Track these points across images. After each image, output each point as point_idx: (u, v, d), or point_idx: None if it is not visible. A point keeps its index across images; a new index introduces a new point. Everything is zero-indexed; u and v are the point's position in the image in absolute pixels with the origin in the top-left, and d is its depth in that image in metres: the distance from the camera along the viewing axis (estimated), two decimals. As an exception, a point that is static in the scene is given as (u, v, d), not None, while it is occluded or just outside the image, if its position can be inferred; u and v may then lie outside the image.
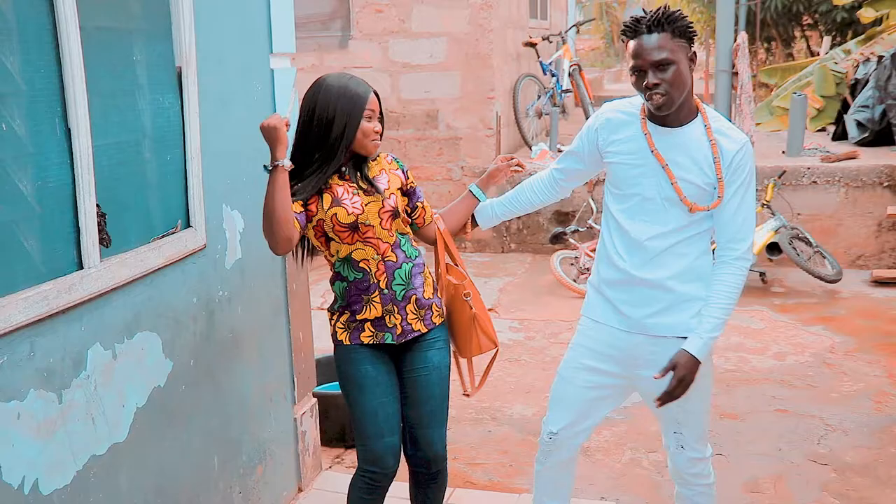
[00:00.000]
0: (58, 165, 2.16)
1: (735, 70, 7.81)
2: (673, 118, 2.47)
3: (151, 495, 2.57)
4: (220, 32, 2.92)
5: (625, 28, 2.45)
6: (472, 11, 7.99)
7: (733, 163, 2.44)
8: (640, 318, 2.57)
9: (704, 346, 2.48)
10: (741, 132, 2.50)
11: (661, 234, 2.50)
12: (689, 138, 2.47)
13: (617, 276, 2.59)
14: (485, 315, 2.82)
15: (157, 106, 2.59)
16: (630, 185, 2.53)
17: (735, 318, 6.16)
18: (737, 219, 2.48)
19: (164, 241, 2.59)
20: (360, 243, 2.60)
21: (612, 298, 2.61)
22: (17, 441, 2.02)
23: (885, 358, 5.29)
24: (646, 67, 2.38)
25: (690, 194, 2.46)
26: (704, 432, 2.73)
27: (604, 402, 2.72)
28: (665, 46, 2.36)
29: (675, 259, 2.51)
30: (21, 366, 2.03)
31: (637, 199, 2.52)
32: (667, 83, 2.37)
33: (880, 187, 7.28)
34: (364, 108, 2.56)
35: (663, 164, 2.46)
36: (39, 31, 2.09)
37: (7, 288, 1.99)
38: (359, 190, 2.59)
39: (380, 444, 2.67)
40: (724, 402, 4.63)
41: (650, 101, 2.41)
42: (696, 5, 15.90)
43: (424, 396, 2.73)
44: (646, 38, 2.38)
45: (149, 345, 2.55)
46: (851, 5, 11.54)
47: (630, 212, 2.54)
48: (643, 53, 2.38)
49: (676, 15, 2.40)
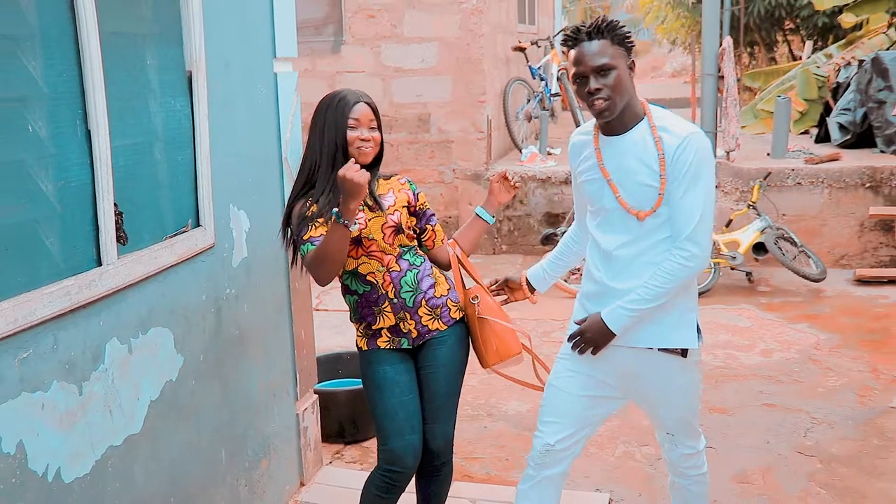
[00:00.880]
0: (78, 166, 2.24)
1: (721, 74, 7.94)
2: (618, 124, 2.50)
3: (164, 486, 2.64)
4: (227, 38, 3.01)
5: (566, 37, 2.49)
6: (462, 17, 8.10)
7: (675, 156, 2.43)
8: None
9: (614, 312, 2.50)
10: (687, 126, 2.49)
11: (627, 242, 2.52)
12: (636, 141, 2.49)
13: (595, 288, 2.62)
14: (500, 318, 2.81)
15: (169, 108, 2.67)
16: (596, 201, 2.59)
17: (722, 316, 6.31)
18: (682, 209, 2.45)
19: (175, 239, 2.68)
20: (364, 257, 2.70)
21: (592, 311, 2.61)
22: (41, 430, 2.09)
23: (869, 354, 5.42)
24: (587, 73, 2.42)
25: (640, 199, 2.47)
26: (696, 430, 2.77)
27: (599, 408, 2.70)
28: (605, 52, 2.42)
29: (647, 268, 2.51)
30: (45, 358, 2.11)
31: (604, 213, 2.57)
32: (608, 88, 2.41)
33: (862, 188, 7.43)
34: (347, 118, 2.67)
35: (608, 179, 2.51)
36: (62, 36, 2.17)
37: (31, 283, 2.07)
38: (364, 206, 2.69)
39: (400, 443, 2.73)
40: (713, 398, 4.75)
41: (592, 108, 2.45)
42: (681, 10, 16.07)
43: (430, 393, 2.81)
44: (587, 45, 2.43)
45: (162, 340, 2.63)
46: (832, 10, 11.72)
47: (601, 225, 2.58)
48: (584, 59, 2.43)
49: (615, 23, 2.46)
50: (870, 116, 8.45)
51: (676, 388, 2.64)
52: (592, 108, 2.45)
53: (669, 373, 2.61)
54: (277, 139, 3.44)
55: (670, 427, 2.73)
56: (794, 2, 13.62)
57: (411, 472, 2.78)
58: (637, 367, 2.60)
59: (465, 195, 8.42)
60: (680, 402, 2.66)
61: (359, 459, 4.08)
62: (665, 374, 2.61)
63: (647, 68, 28.32)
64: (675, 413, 2.69)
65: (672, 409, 2.68)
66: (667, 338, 2.55)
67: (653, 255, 2.50)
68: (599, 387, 2.66)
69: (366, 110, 2.71)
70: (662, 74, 27.16)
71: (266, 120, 3.37)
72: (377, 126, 2.74)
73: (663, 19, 17.49)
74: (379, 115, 2.78)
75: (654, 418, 2.77)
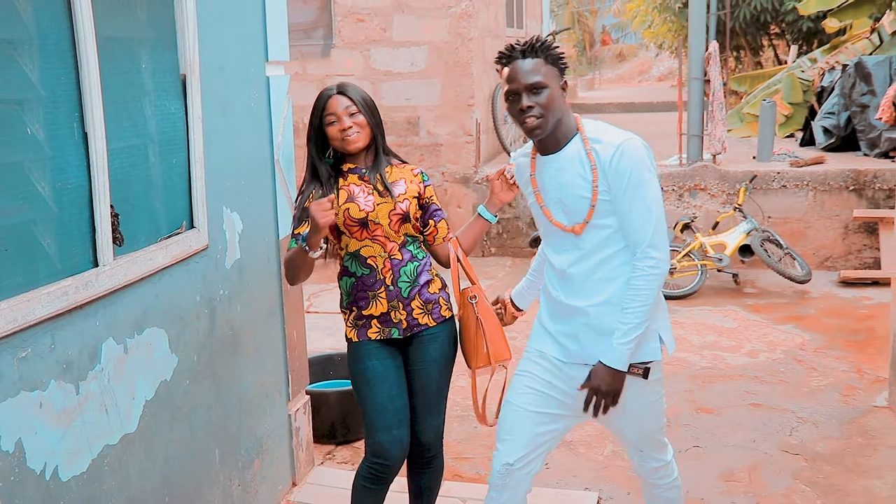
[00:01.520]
0: (75, 168, 2.27)
1: (707, 78, 8.03)
2: (552, 142, 2.49)
3: (158, 485, 2.67)
4: (220, 42, 3.05)
5: (500, 55, 2.49)
6: (451, 21, 8.16)
7: (611, 166, 2.41)
8: (581, 349, 2.54)
9: (615, 352, 2.44)
10: (620, 134, 2.46)
11: (578, 259, 2.49)
12: (571, 156, 2.47)
13: (554, 306, 2.59)
14: (493, 324, 2.81)
15: (164, 112, 2.71)
16: (541, 222, 2.60)
17: (709, 318, 6.38)
18: (632, 220, 2.43)
19: (170, 241, 2.71)
20: (368, 240, 2.75)
21: (552, 331, 2.60)
22: (39, 429, 2.12)
23: (853, 354, 5.49)
24: (520, 90, 2.42)
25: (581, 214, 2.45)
26: (662, 443, 2.74)
27: (556, 424, 2.63)
28: (539, 71, 2.41)
29: (603, 284, 2.48)
30: (43, 357, 2.14)
31: (551, 233, 2.56)
32: (540, 106, 2.40)
33: (846, 191, 7.52)
34: (323, 117, 2.75)
35: (540, 205, 2.53)
36: (59, 40, 2.21)
37: (30, 284, 2.10)
38: (374, 191, 2.75)
39: (388, 436, 2.78)
40: (700, 398, 4.81)
41: (524, 125, 2.44)
42: (667, 14, 16.19)
43: (421, 387, 2.86)
44: (520, 63, 2.43)
45: (156, 340, 2.66)
46: (817, 15, 11.85)
47: (552, 245, 2.58)
48: (518, 77, 2.42)
49: (549, 43, 2.46)
50: (853, 120, 8.56)
51: (639, 408, 2.59)
52: (524, 126, 2.44)
53: (631, 393, 2.53)
54: (270, 142, 3.48)
55: (637, 444, 2.72)
56: (780, 6, 13.75)
57: (398, 464, 2.83)
58: None
59: (455, 198, 8.47)
60: (643, 419, 2.63)
61: (350, 460, 4.11)
62: (627, 394, 2.52)
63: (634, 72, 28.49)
64: (640, 430, 2.67)
65: (637, 427, 2.65)
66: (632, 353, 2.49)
67: (606, 270, 2.48)
68: (558, 405, 2.60)
69: (338, 100, 2.74)
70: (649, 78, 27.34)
71: (258, 123, 3.40)
72: (359, 110, 2.75)
73: (650, 24, 17.62)
74: (360, 98, 2.77)
75: (621, 436, 2.75)
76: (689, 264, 7.01)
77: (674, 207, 7.82)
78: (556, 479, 3.92)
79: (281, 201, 3.55)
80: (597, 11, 30.85)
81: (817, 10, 10.78)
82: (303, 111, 2.84)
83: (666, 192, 7.83)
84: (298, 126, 8.41)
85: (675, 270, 6.98)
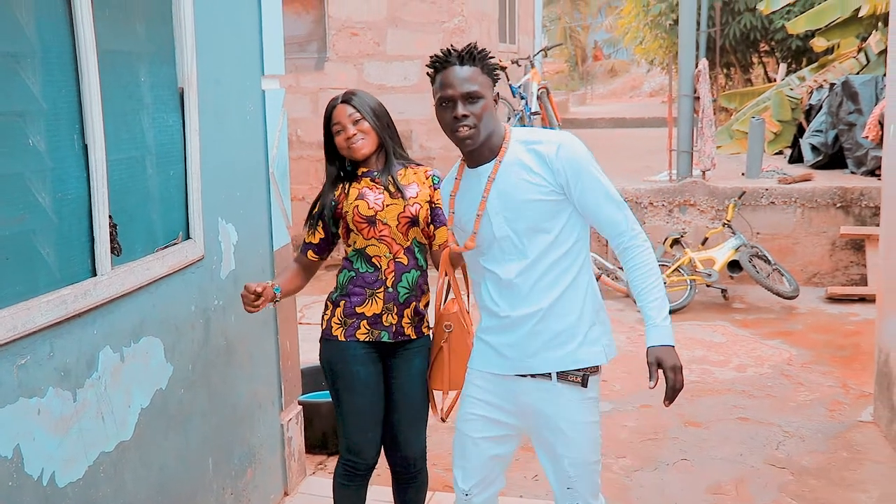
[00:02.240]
0: (75, 179, 2.31)
1: (697, 95, 8.12)
2: (485, 153, 2.42)
3: (153, 492, 2.70)
4: (218, 56, 3.09)
5: (435, 60, 2.39)
6: (444, 36, 8.23)
7: (558, 160, 2.36)
8: (524, 358, 2.45)
9: (667, 330, 2.38)
10: (555, 133, 2.43)
11: (526, 267, 2.41)
12: (510, 163, 2.40)
13: (496, 322, 2.49)
14: (460, 356, 2.77)
15: (162, 124, 2.75)
16: (484, 235, 2.48)
17: (698, 332, 6.43)
18: (604, 212, 2.41)
19: (167, 251, 2.75)
20: (374, 240, 2.80)
21: (494, 344, 2.50)
22: (37, 435, 2.16)
23: (839, 369, 5.56)
24: (456, 98, 2.33)
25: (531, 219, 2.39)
26: (597, 485, 2.57)
27: (504, 446, 2.59)
28: (476, 80, 2.34)
29: (545, 291, 2.41)
30: (42, 365, 2.17)
31: (495, 244, 2.44)
32: (475, 116, 2.33)
33: (833, 208, 7.60)
34: (329, 126, 2.85)
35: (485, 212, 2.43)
36: (61, 54, 2.25)
37: (30, 292, 2.14)
38: (385, 191, 2.80)
39: (363, 438, 2.86)
40: (688, 412, 4.86)
41: (456, 133, 2.35)
42: (658, 31, 16.32)
43: (406, 402, 2.89)
44: (458, 70, 2.34)
45: (152, 349, 2.69)
46: (805, 34, 11.98)
47: (495, 257, 2.45)
48: (455, 83, 2.33)
49: (486, 53, 2.40)
50: (841, 138, 8.66)
51: (575, 428, 2.47)
52: (456, 134, 2.35)
53: (567, 406, 2.46)
54: (265, 154, 3.52)
55: (570, 475, 2.51)
56: (769, 25, 13.89)
57: (372, 462, 2.91)
58: (537, 400, 2.48)
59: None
60: (580, 442, 2.48)
61: (341, 470, 4.14)
62: (564, 407, 2.46)
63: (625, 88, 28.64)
64: (577, 457, 2.49)
65: (574, 451, 2.48)
66: (574, 357, 2.44)
67: (551, 277, 2.41)
68: (503, 426, 2.55)
69: (342, 109, 2.81)
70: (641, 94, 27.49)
71: (254, 135, 3.45)
72: (363, 117, 2.80)
73: (641, 40, 17.75)
74: (363, 105, 2.82)
75: (554, 464, 2.54)
76: (678, 279, 7.08)
77: (663, 223, 7.89)
78: (546, 490, 3.95)
79: (275, 213, 3.60)
80: (589, 27, 31.04)
81: (806, 29, 10.91)
82: (296, 123, 2.90)
83: (655, 208, 7.90)
84: (292, 138, 8.46)
85: (664, 285, 7.02)
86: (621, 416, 4.82)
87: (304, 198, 7.78)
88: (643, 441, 4.50)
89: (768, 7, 11.21)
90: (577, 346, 2.43)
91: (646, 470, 4.18)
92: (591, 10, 30.35)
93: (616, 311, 6.97)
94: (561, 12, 29.23)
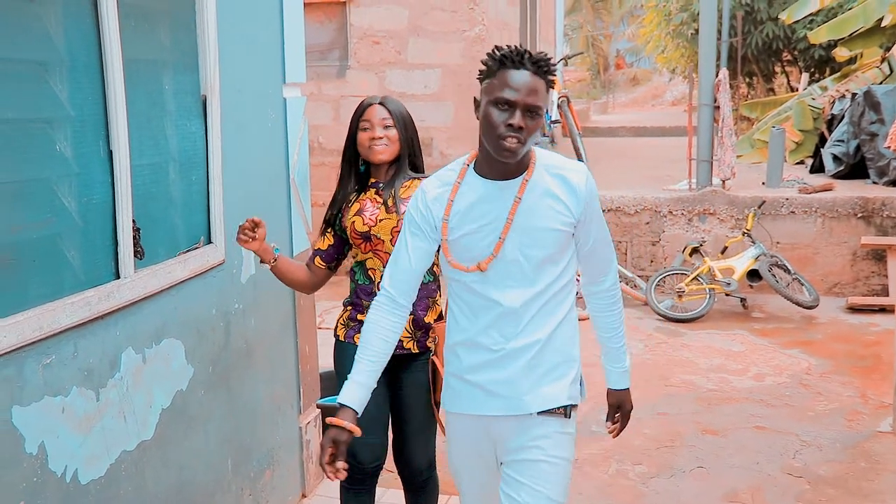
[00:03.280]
0: (100, 184, 2.38)
1: (717, 104, 8.12)
2: (512, 169, 2.21)
3: (173, 492, 2.75)
4: (240, 64, 3.16)
5: (504, 55, 2.12)
6: (465, 45, 8.28)
7: (587, 194, 2.24)
8: (519, 396, 2.26)
9: (624, 376, 2.49)
10: (576, 162, 2.29)
11: (533, 296, 2.23)
12: (537, 183, 2.22)
13: (487, 357, 2.27)
14: None
15: (185, 131, 2.82)
16: (481, 255, 2.25)
17: (716, 341, 6.43)
18: (602, 244, 2.34)
19: (188, 255, 2.81)
20: (371, 253, 2.83)
21: (482, 382, 2.29)
22: (61, 433, 2.21)
23: (858, 379, 5.53)
24: (518, 105, 2.09)
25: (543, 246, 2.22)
26: None
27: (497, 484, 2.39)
28: (542, 94, 2.13)
29: (543, 319, 2.25)
30: (66, 364, 2.23)
31: (501, 266, 2.23)
32: (528, 131, 2.12)
33: (854, 218, 7.57)
34: (359, 120, 2.85)
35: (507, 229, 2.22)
36: (88, 63, 2.32)
37: (55, 294, 2.20)
38: (382, 205, 2.82)
39: (360, 440, 2.74)
40: (706, 420, 4.86)
41: (503, 142, 2.11)
42: (680, 40, 16.29)
43: (410, 415, 2.90)
44: (528, 76, 2.11)
45: (174, 351, 2.75)
46: (829, 44, 11.93)
47: (494, 281, 2.23)
48: (522, 90, 2.10)
49: (554, 70, 2.20)
50: (862, 148, 8.62)
51: (549, 460, 2.28)
52: (502, 142, 2.11)
53: (547, 438, 2.28)
54: (286, 161, 3.58)
55: None
56: (792, 34, 13.83)
57: (368, 469, 2.87)
58: (512, 430, 2.30)
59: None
60: (549, 477, 2.27)
61: (358, 474, 4.18)
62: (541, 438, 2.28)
63: (647, 97, 28.57)
64: (540, 487, 2.26)
65: (538, 481, 2.26)
66: (568, 393, 2.31)
67: (551, 306, 2.26)
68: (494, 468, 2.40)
69: (377, 110, 2.82)
70: (663, 102, 27.40)
71: (275, 142, 3.51)
72: (394, 125, 2.82)
73: (663, 49, 17.71)
74: (399, 114, 2.85)
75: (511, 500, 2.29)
76: (697, 288, 7.07)
77: (683, 231, 7.89)
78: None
79: (296, 219, 3.65)
80: (611, 36, 31.02)
81: (828, 39, 10.87)
82: (317, 130, 2.93)
83: (675, 217, 7.90)
84: (314, 145, 8.53)
85: (683, 294, 7.04)
86: (638, 424, 4.82)
87: (324, 203, 7.82)
88: (659, 448, 4.51)
89: (791, 17, 11.18)
90: (570, 383, 2.31)
91: (662, 477, 4.18)
92: (614, 19, 30.33)
93: (635, 319, 6.98)
94: (583, 21, 29.24)
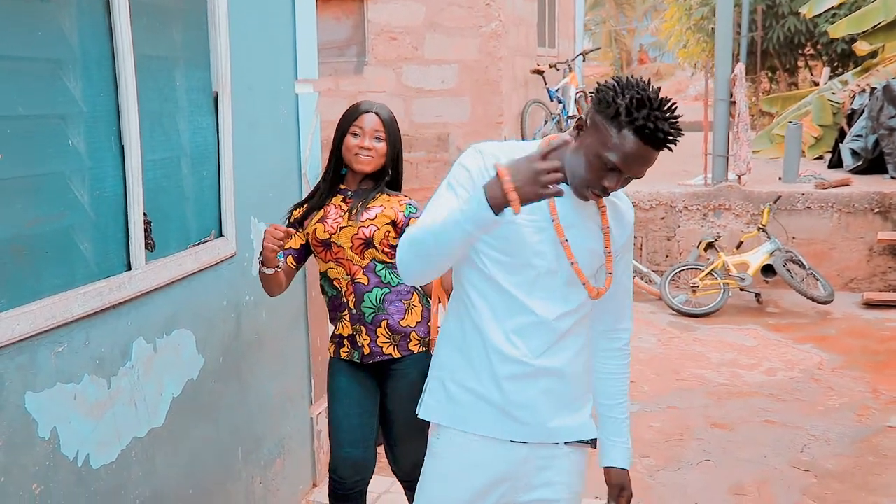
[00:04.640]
0: (112, 178, 2.44)
1: (733, 99, 8.11)
2: None
3: (183, 478, 2.83)
4: (251, 61, 3.22)
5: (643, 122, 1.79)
6: (482, 40, 8.33)
7: (628, 225, 2.10)
8: (543, 423, 2.03)
9: (627, 453, 2.19)
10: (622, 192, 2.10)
11: (568, 312, 2.02)
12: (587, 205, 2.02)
13: (505, 369, 2.00)
14: None
15: (196, 126, 2.88)
16: (530, 255, 1.99)
17: (729, 336, 6.44)
18: (625, 285, 2.15)
19: (199, 247, 2.88)
20: (332, 262, 2.79)
21: (498, 402, 2.02)
22: (73, 419, 2.29)
23: (871, 374, 5.53)
24: (629, 174, 1.88)
25: (590, 270, 2.04)
26: None
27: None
28: (652, 163, 1.89)
29: (573, 339, 2.06)
30: (78, 353, 2.31)
31: (549, 274, 1.99)
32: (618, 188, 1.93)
33: (871, 213, 7.54)
34: (350, 124, 2.77)
35: (562, 239, 1.97)
36: (100, 59, 2.39)
37: (68, 284, 2.27)
38: (346, 213, 2.77)
39: (339, 453, 2.83)
40: (715, 413, 4.88)
41: (588, 193, 1.92)
42: (701, 35, 16.24)
43: (391, 420, 2.89)
44: (654, 155, 1.85)
45: (184, 341, 2.82)
46: (851, 38, 11.85)
47: (530, 287, 1.99)
48: (643, 169, 1.88)
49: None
50: (881, 143, 8.58)
51: (571, 493, 2.14)
52: (586, 192, 1.92)
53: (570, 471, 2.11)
54: (297, 156, 3.65)
55: None
56: (814, 28, 13.74)
57: (350, 484, 2.82)
58: (542, 472, 2.09)
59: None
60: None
61: (369, 464, 4.24)
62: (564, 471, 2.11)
63: (670, 91, 28.45)
64: None
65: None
66: (591, 426, 2.14)
67: (579, 328, 2.08)
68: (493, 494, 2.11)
69: (372, 120, 2.75)
70: (686, 97, 27.28)
71: (287, 138, 3.57)
72: (385, 138, 2.75)
73: (685, 44, 17.67)
74: (392, 129, 2.80)
75: None
76: (711, 283, 7.08)
77: (698, 226, 7.89)
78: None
79: (306, 213, 3.71)
80: (634, 30, 30.91)
81: (848, 33, 10.80)
82: (333, 126, 2.92)
83: (690, 211, 7.91)
84: (327, 141, 8.61)
85: (697, 289, 7.05)
86: (648, 417, 4.86)
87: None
88: (668, 441, 4.55)
89: (811, 10, 11.11)
90: (588, 416, 2.12)
91: (669, 469, 4.22)
92: (637, 14, 30.22)
93: (648, 314, 7.00)
94: (606, 16, 29.16)
